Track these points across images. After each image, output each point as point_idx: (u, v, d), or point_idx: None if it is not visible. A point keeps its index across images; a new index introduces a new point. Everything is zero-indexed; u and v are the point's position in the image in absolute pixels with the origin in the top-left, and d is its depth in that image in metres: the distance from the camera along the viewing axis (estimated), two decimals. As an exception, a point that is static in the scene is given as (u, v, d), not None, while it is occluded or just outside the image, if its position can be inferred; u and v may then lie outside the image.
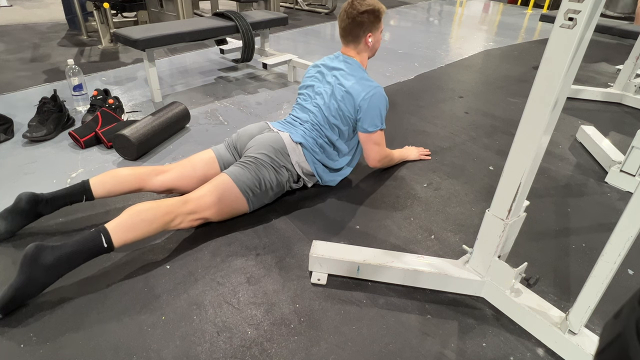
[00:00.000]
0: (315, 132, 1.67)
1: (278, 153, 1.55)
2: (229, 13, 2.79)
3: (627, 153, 1.81)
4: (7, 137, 2.01)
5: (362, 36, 1.66)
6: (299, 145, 1.61)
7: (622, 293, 1.29)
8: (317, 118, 1.68)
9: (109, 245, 1.18)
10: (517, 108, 2.71)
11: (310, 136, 1.65)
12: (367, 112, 1.61)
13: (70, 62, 2.28)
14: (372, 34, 1.67)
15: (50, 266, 1.11)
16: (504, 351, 1.10)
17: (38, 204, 1.37)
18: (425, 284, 1.27)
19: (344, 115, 1.64)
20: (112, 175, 1.46)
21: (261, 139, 1.57)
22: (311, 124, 1.68)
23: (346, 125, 1.66)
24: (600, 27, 3.26)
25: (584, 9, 0.82)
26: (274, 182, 1.54)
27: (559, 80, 0.89)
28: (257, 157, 1.51)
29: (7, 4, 5.14)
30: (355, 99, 1.61)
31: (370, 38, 1.67)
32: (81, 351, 1.04)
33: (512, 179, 1.05)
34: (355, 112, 1.63)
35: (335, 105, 1.64)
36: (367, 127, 1.64)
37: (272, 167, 1.52)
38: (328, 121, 1.67)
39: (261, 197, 1.54)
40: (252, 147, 1.56)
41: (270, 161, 1.52)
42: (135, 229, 1.23)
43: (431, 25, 5.24)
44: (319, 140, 1.67)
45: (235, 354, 1.06)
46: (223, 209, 1.45)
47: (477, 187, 1.83)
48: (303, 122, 1.70)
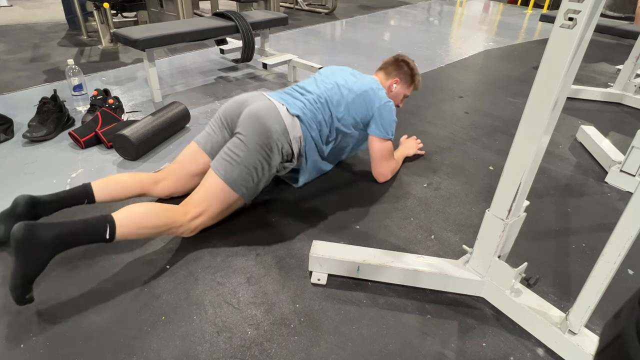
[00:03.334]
0: (318, 104, 1.59)
1: (271, 133, 1.41)
2: (229, 13, 2.79)
3: (627, 153, 1.81)
4: (7, 137, 2.01)
5: (392, 75, 1.81)
6: (296, 119, 1.51)
7: (622, 293, 1.29)
8: (322, 94, 1.62)
9: (110, 238, 1.17)
10: (517, 108, 2.71)
11: (310, 109, 1.56)
12: (382, 116, 1.65)
13: (70, 62, 2.28)
14: (399, 83, 1.82)
15: (49, 243, 1.08)
16: (504, 351, 1.10)
17: (35, 206, 1.32)
18: (425, 284, 1.27)
19: (350, 112, 1.62)
20: (115, 181, 1.45)
21: (253, 112, 1.44)
22: (315, 96, 1.61)
23: (350, 123, 1.64)
24: (600, 27, 3.26)
25: (584, 9, 0.82)
26: (266, 169, 1.44)
27: (559, 80, 0.89)
28: (246, 145, 1.39)
29: (7, 4, 5.14)
30: (373, 103, 1.63)
31: (395, 84, 1.81)
32: (81, 351, 1.04)
33: (512, 179, 1.05)
34: (368, 114, 1.64)
35: (343, 99, 1.62)
36: (385, 130, 1.65)
37: (264, 152, 1.41)
38: (331, 104, 1.61)
39: (255, 188, 1.46)
40: (243, 124, 1.43)
41: (262, 146, 1.40)
42: (140, 229, 1.23)
43: (431, 25, 5.24)
44: (319, 115, 1.58)
45: (235, 354, 1.06)
46: (222, 211, 1.44)
47: (477, 187, 1.83)
48: (304, 93, 1.63)
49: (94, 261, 1.32)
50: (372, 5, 6.36)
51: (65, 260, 1.31)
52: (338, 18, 5.33)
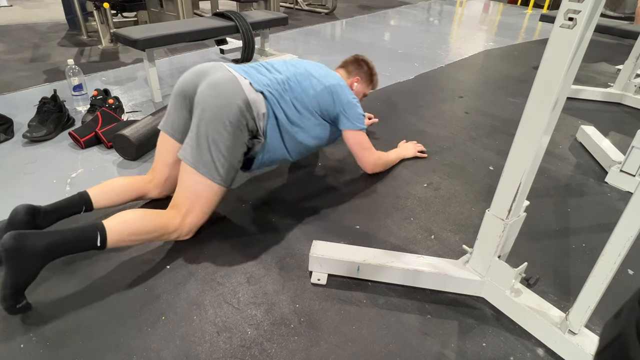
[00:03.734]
0: (286, 85, 1.51)
1: (233, 109, 1.32)
2: (229, 13, 2.80)
3: (627, 153, 1.81)
4: (7, 137, 2.01)
5: (353, 73, 1.88)
6: (260, 95, 1.42)
7: (622, 293, 1.29)
8: (291, 76, 1.54)
9: (102, 245, 1.16)
10: (517, 108, 2.71)
11: (276, 89, 1.47)
12: (351, 110, 1.63)
13: (70, 62, 2.28)
14: (360, 81, 1.89)
15: (40, 252, 1.07)
16: (504, 351, 1.10)
17: (36, 216, 1.26)
18: (425, 284, 1.27)
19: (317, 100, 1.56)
20: (111, 187, 1.43)
21: (212, 86, 1.34)
22: (284, 77, 1.53)
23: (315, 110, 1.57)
24: (600, 27, 3.26)
25: (584, 9, 0.82)
26: (236, 147, 1.36)
27: (559, 80, 0.89)
28: (208, 125, 1.31)
29: (7, 4, 5.14)
30: (340, 98, 1.60)
31: (356, 83, 1.87)
32: (81, 351, 1.04)
33: (512, 179, 1.05)
34: (335, 108, 1.60)
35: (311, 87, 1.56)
36: (356, 123, 1.63)
37: (229, 131, 1.32)
38: (300, 87, 1.53)
39: (230, 170, 1.37)
40: (202, 100, 1.33)
41: (226, 125, 1.31)
42: (132, 235, 1.22)
43: (431, 25, 5.24)
44: (286, 96, 1.49)
45: (235, 354, 1.06)
46: (208, 203, 1.37)
47: (477, 187, 1.83)
48: (272, 71, 1.55)
49: (94, 261, 1.32)
50: (372, 5, 6.36)
51: (66, 260, 1.31)
52: (338, 18, 5.33)
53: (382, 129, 2.29)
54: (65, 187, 1.68)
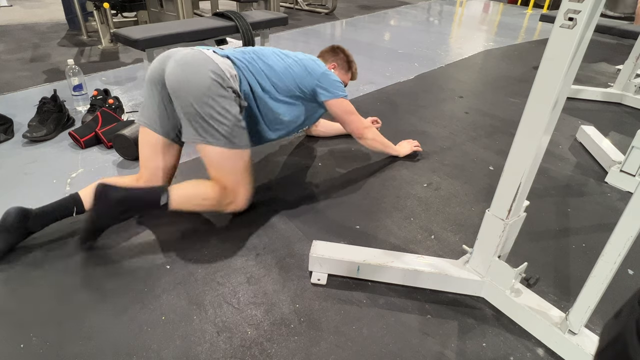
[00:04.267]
0: (252, 55, 1.52)
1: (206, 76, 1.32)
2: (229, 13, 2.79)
3: (627, 153, 1.81)
4: (7, 137, 2.01)
5: (329, 61, 1.90)
6: (226, 59, 1.43)
7: (622, 293, 1.29)
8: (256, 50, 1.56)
9: (166, 204, 1.31)
10: (517, 108, 2.71)
11: (241, 57, 1.49)
12: (327, 80, 1.61)
13: (70, 62, 2.28)
14: (336, 68, 1.89)
15: (117, 201, 1.25)
16: (504, 351, 1.10)
17: (27, 219, 1.29)
18: (425, 284, 1.27)
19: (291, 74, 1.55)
20: None
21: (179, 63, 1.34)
22: (250, 50, 1.55)
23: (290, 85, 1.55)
24: (600, 27, 3.26)
25: (584, 9, 0.82)
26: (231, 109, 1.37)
27: (559, 80, 0.89)
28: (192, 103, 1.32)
29: (7, 4, 5.14)
30: (315, 70, 1.59)
31: (333, 69, 1.86)
32: (81, 351, 1.04)
33: (512, 179, 1.05)
34: (311, 80, 1.58)
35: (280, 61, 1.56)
36: (335, 91, 1.61)
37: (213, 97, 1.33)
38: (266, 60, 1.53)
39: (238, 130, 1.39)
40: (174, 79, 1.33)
41: (208, 95, 1.32)
42: (191, 199, 1.37)
43: (431, 25, 5.24)
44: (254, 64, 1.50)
45: (235, 354, 1.06)
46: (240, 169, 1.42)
47: (477, 187, 1.83)
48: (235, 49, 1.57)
49: (93, 261, 1.32)
50: (372, 5, 6.36)
51: (65, 260, 1.31)
52: (338, 18, 5.33)
53: (382, 129, 2.29)
54: (65, 187, 1.68)
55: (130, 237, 1.42)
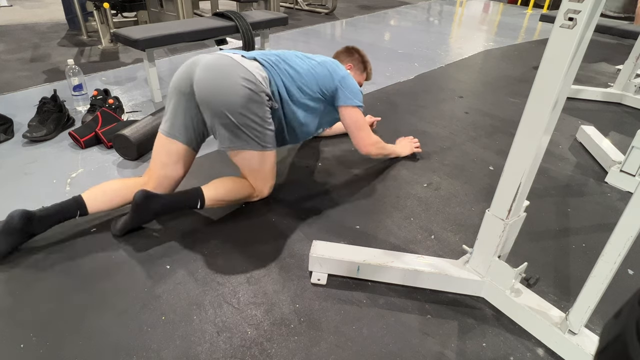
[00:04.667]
0: (279, 58, 1.52)
1: (238, 87, 1.33)
2: (229, 13, 2.79)
3: (627, 153, 1.81)
4: (7, 137, 2.01)
5: (345, 61, 1.89)
6: (254, 61, 1.44)
7: (622, 293, 1.29)
8: (280, 54, 1.56)
9: (201, 207, 1.44)
10: (517, 108, 2.71)
11: (268, 60, 1.48)
12: (348, 83, 1.60)
13: (70, 62, 2.28)
14: (352, 69, 1.89)
15: (155, 210, 1.37)
16: (504, 351, 1.10)
17: (31, 221, 1.29)
18: (425, 284, 1.27)
19: (314, 75, 1.55)
20: (105, 191, 1.42)
21: (209, 70, 1.35)
22: (278, 53, 1.56)
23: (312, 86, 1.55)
24: (600, 27, 3.26)
25: (584, 9, 0.82)
26: (262, 115, 1.40)
27: (559, 80, 0.89)
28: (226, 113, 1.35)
29: (7, 4, 5.14)
30: (336, 72, 1.59)
31: (349, 70, 1.82)
32: (81, 351, 1.04)
33: (512, 179, 1.05)
34: (332, 83, 1.58)
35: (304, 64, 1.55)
36: (353, 98, 1.60)
37: (247, 108, 1.36)
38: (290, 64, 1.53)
39: (270, 134, 1.45)
40: (203, 90, 1.35)
41: (241, 105, 1.35)
42: (222, 201, 1.48)
43: (431, 25, 5.24)
44: (282, 65, 1.50)
45: (235, 354, 1.06)
46: (269, 166, 1.52)
47: (477, 187, 1.83)
48: (262, 50, 1.58)
49: (94, 261, 1.32)
50: (372, 5, 6.36)
51: (66, 260, 1.31)
52: (338, 18, 5.33)
53: (383, 129, 2.29)
54: (65, 187, 1.68)
55: (131, 237, 1.42)
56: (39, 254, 1.33)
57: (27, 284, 1.22)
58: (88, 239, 1.40)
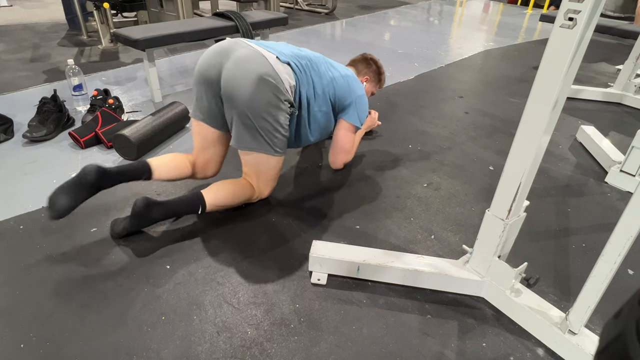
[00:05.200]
0: (307, 61, 1.50)
1: (266, 90, 1.33)
2: (229, 13, 2.79)
3: (627, 153, 1.81)
4: (7, 137, 2.01)
5: (362, 72, 1.89)
6: (287, 66, 1.42)
7: (622, 293, 1.29)
8: (312, 57, 1.54)
9: (202, 213, 1.44)
10: (517, 108, 2.71)
11: (300, 62, 1.47)
12: (362, 104, 1.63)
13: (70, 62, 2.28)
14: (369, 81, 1.91)
15: (155, 219, 1.38)
16: (504, 351, 1.10)
17: (103, 176, 1.35)
18: (425, 284, 1.27)
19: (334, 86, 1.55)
20: (168, 162, 1.50)
21: (239, 68, 1.33)
22: (308, 54, 1.55)
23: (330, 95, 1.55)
24: (600, 27, 3.26)
25: (584, 9, 0.82)
26: (281, 120, 1.41)
27: (559, 80, 0.89)
28: (248, 114, 1.35)
29: (7, 4, 5.14)
30: (354, 89, 1.60)
31: (365, 82, 1.89)
32: (81, 351, 1.04)
33: (512, 179, 1.05)
34: (348, 97, 1.59)
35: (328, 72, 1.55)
36: (359, 119, 1.63)
37: (268, 111, 1.37)
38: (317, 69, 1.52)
39: (283, 140, 1.46)
40: (230, 84, 1.34)
41: (264, 107, 1.35)
42: (222, 205, 1.48)
43: (431, 25, 5.24)
44: (308, 71, 1.49)
45: (235, 354, 1.06)
46: (273, 170, 1.52)
47: (477, 187, 1.83)
48: (292, 48, 1.55)
49: (94, 261, 1.32)
50: (372, 5, 6.36)
51: (66, 260, 1.31)
52: (338, 18, 5.33)
53: (383, 129, 2.29)
54: (65, 187, 1.67)
55: (131, 237, 1.42)
56: (39, 253, 1.33)
57: (27, 284, 1.22)
58: (88, 239, 1.40)
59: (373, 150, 2.08)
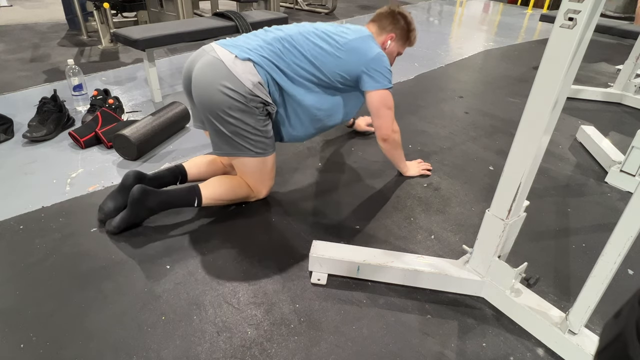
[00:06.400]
0: (284, 43, 1.41)
1: (222, 99, 1.32)
2: (229, 13, 2.79)
3: (627, 153, 1.81)
4: (7, 137, 2.01)
5: (387, 29, 1.67)
6: (248, 63, 1.34)
7: (622, 293, 1.29)
8: (293, 35, 1.43)
9: (198, 205, 1.46)
10: (517, 108, 2.71)
11: (268, 49, 1.39)
12: (378, 66, 1.48)
13: (70, 62, 2.28)
14: (394, 39, 1.69)
15: (151, 207, 1.40)
16: (504, 351, 1.10)
17: (142, 181, 1.45)
18: (425, 284, 1.27)
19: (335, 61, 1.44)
20: (201, 164, 1.59)
21: (196, 81, 1.35)
22: (284, 34, 1.43)
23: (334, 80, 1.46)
24: (600, 27, 3.26)
25: (584, 9, 0.82)
26: (252, 124, 1.38)
27: (559, 80, 0.89)
28: (213, 119, 1.37)
29: (7, 4, 5.14)
30: (364, 54, 1.46)
31: (390, 40, 1.67)
32: (81, 351, 1.04)
33: (512, 179, 1.05)
34: (357, 64, 1.46)
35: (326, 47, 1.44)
36: (382, 81, 1.48)
37: (233, 117, 1.35)
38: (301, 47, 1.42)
39: (263, 141, 1.43)
40: (196, 97, 1.37)
41: (227, 114, 1.34)
42: (219, 200, 1.51)
43: (431, 25, 5.24)
44: (285, 56, 1.40)
45: (235, 354, 1.06)
46: (264, 171, 1.53)
47: (477, 187, 1.83)
48: (270, 31, 1.46)
49: (93, 261, 1.32)
50: (372, 5, 6.36)
51: (66, 260, 1.31)
52: (338, 18, 5.33)
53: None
54: (65, 187, 1.68)
55: (130, 237, 1.42)
56: (39, 253, 1.33)
57: (27, 284, 1.22)
58: (88, 239, 1.40)
59: (373, 150, 2.08)
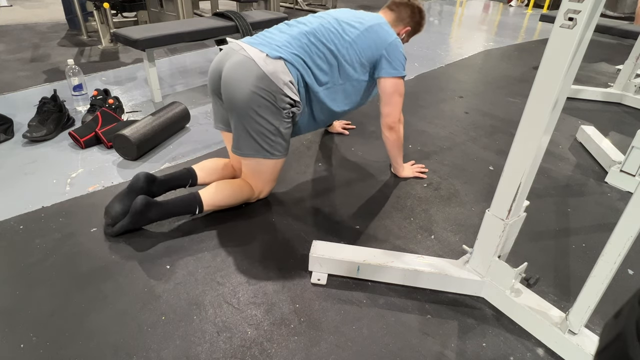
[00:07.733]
0: (310, 37, 1.42)
1: (254, 97, 1.33)
2: (229, 13, 2.79)
3: (627, 153, 1.81)
4: (7, 137, 2.01)
5: (405, 21, 1.67)
6: (279, 61, 1.36)
7: (622, 293, 1.29)
8: (317, 27, 1.45)
9: (199, 213, 1.47)
10: (517, 108, 2.71)
11: (298, 45, 1.40)
12: (395, 52, 1.51)
13: (70, 62, 2.28)
14: (408, 31, 1.70)
15: (152, 219, 1.40)
16: (504, 351, 1.10)
17: (153, 183, 1.45)
18: (425, 284, 1.27)
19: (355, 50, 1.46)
20: (211, 168, 1.59)
21: (228, 79, 1.36)
22: (310, 29, 1.44)
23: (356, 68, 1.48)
24: (600, 27, 3.26)
25: (584, 9, 0.82)
26: (276, 124, 1.39)
27: (559, 80, 0.89)
28: (240, 117, 1.38)
29: (7, 4, 5.14)
30: (382, 41, 1.48)
31: (405, 33, 1.69)
32: (81, 351, 1.04)
33: (512, 179, 1.05)
34: (376, 52, 1.49)
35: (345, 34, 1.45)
36: (398, 68, 1.51)
37: (261, 116, 1.37)
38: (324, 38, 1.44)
39: (281, 143, 1.46)
40: (225, 94, 1.38)
41: (255, 112, 1.36)
42: (220, 205, 1.51)
43: (431, 25, 5.24)
44: (312, 52, 1.41)
45: (235, 354, 1.06)
46: (271, 174, 1.55)
47: (477, 187, 1.83)
48: (294, 26, 1.48)
49: (93, 261, 1.32)
50: (372, 5, 6.36)
51: (66, 260, 1.31)
52: (338, 18, 5.33)
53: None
54: (65, 187, 1.68)
55: (130, 237, 1.42)
56: (39, 253, 1.33)
57: (27, 284, 1.22)
58: (88, 239, 1.40)
59: (373, 150, 2.08)
